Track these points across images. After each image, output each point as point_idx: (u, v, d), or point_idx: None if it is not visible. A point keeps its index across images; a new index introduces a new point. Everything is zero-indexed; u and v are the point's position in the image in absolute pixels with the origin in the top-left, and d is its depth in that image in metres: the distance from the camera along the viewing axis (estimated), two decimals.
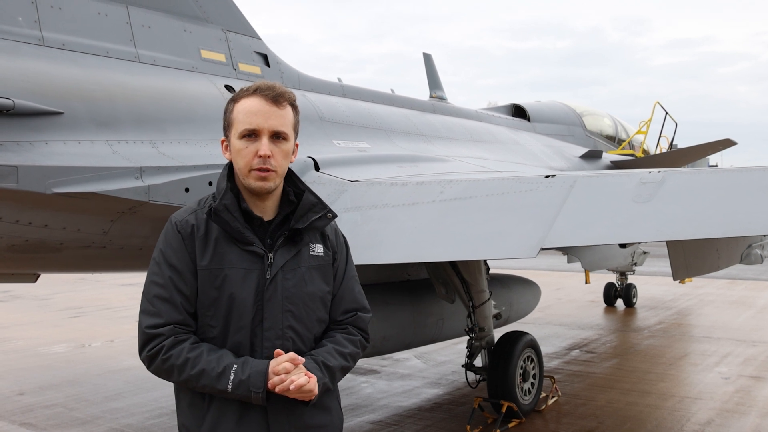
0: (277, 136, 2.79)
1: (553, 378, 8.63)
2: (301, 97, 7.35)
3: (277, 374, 2.64)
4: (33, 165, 4.58)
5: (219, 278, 2.76)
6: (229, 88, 6.55)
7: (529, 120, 12.23)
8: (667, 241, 5.23)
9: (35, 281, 6.13)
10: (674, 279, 6.33)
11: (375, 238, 5.19)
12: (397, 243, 5.09)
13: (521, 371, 7.84)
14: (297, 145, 2.93)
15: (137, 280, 20.11)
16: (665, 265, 7.27)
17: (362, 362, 10.15)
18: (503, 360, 7.72)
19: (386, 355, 10.07)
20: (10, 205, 4.67)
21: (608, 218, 4.74)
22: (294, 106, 2.88)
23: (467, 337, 7.99)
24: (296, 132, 2.91)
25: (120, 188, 4.89)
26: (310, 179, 6.02)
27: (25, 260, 5.26)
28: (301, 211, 2.87)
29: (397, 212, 5.29)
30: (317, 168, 6.24)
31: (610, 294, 15.79)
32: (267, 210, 2.86)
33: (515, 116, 12.36)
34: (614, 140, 14.34)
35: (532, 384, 8.04)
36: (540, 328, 13.14)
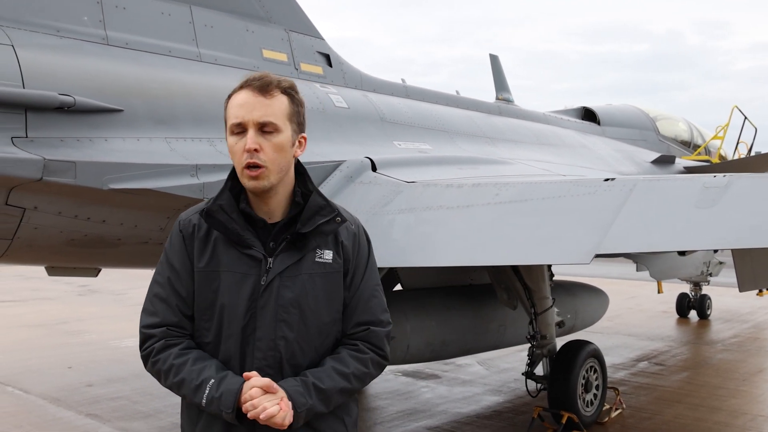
0: (265, 128, 2.59)
1: (617, 390, 8.34)
2: (362, 97, 7.35)
3: (246, 401, 2.48)
4: (90, 161, 4.67)
5: (215, 281, 2.64)
6: None
7: (599, 123, 11.92)
8: (732, 250, 4.97)
9: (96, 275, 6.27)
10: (740, 290, 6.03)
11: (428, 240, 5.10)
12: (450, 246, 4.99)
13: (583, 381, 7.60)
14: (304, 138, 2.72)
15: None
16: None
17: (423, 366, 10.07)
18: (565, 369, 7.51)
19: (448, 361, 9.93)
20: (69, 200, 4.78)
21: (668, 224, 4.52)
22: (289, 95, 2.66)
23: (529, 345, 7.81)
24: (296, 122, 2.66)
25: (175, 185, 4.95)
26: (366, 179, 5.98)
27: (84, 254, 5.39)
28: (307, 214, 2.67)
29: (451, 214, 5.19)
30: (374, 168, 6.20)
31: (683, 305, 15.23)
32: (273, 212, 2.70)
33: (585, 120, 12.07)
34: (689, 145, 13.86)
35: (595, 395, 7.78)
36: (608, 337, 12.76)
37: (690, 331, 13.98)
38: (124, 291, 18.35)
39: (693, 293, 15.12)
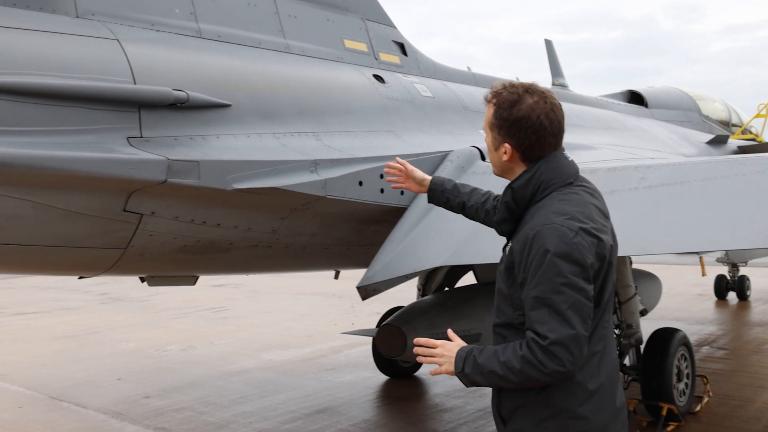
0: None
1: (706, 378, 8.10)
2: (441, 86, 7.05)
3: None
4: (213, 159, 4.35)
5: None
6: (377, 77, 6.27)
7: (647, 106, 11.69)
8: None
9: (194, 284, 5.94)
10: None
11: None
12: None
13: (676, 371, 7.37)
14: (506, 145, 2.89)
15: (227, 281, 20.21)
16: None
17: None
18: (659, 359, 7.25)
19: None
20: (188, 204, 4.46)
21: None
22: (494, 103, 2.92)
23: None
24: (497, 129, 2.91)
25: (298, 183, 4.63)
26: (479, 170, 5.69)
27: (192, 261, 5.05)
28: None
29: None
30: (483, 158, 5.90)
31: (722, 286, 15.07)
32: None
33: (632, 102, 11.83)
34: (728, 125, 13.69)
35: (686, 384, 7.55)
36: (657, 323, 12.51)
37: (734, 313, 13.81)
38: (147, 298, 17.96)
39: (731, 274, 14.96)
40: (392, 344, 6.30)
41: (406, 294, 14.98)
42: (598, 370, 2.80)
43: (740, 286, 14.79)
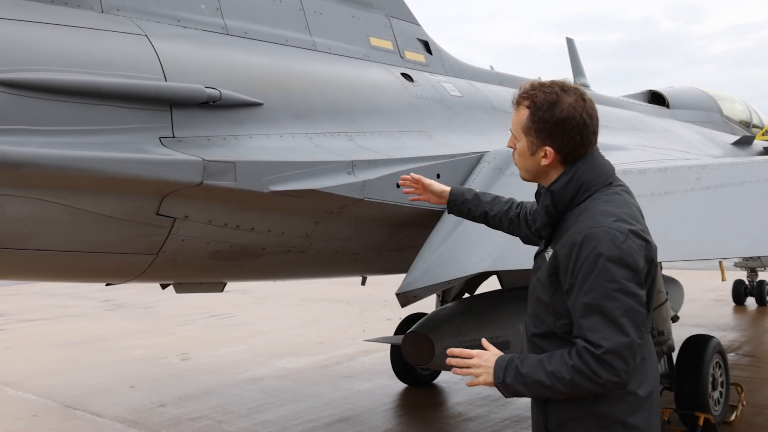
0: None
1: (740, 386, 7.88)
2: (468, 85, 6.85)
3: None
4: (249, 160, 4.14)
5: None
6: (406, 76, 6.07)
7: (668, 107, 11.51)
8: None
9: (222, 290, 5.72)
10: None
11: None
12: (671, 239, 4.47)
13: (711, 379, 7.16)
14: (547, 148, 2.77)
15: (233, 287, 19.86)
16: None
17: None
18: (694, 367, 7.04)
19: None
20: (223, 207, 4.26)
21: None
22: (529, 108, 2.78)
23: None
24: (534, 132, 2.77)
25: (336, 185, 4.42)
26: (518, 171, 5.47)
27: (223, 268, 4.84)
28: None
29: (649, 203, 4.71)
30: None
31: (740, 292, 14.86)
32: None
33: (652, 103, 11.64)
34: (749, 126, 13.51)
35: (720, 393, 7.34)
36: (676, 330, 12.31)
37: (755, 318, 13.61)
38: (151, 304, 17.74)
39: (749, 279, 14.75)
40: (419, 352, 6.17)
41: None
42: (646, 377, 2.73)
43: (759, 291, 14.59)
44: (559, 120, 2.72)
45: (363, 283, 8.16)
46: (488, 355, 2.70)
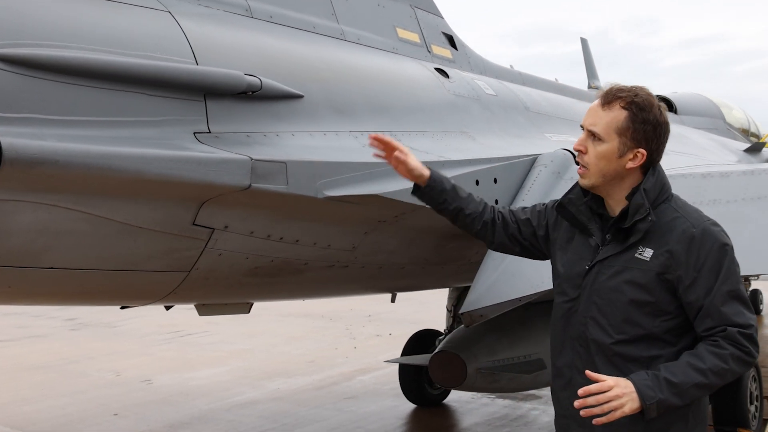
0: (593, 135, 2.79)
1: None
2: (500, 84, 6.33)
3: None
4: (302, 160, 3.53)
5: (565, 255, 2.96)
6: (440, 71, 5.52)
7: (676, 112, 11.21)
8: None
9: (248, 312, 5.04)
10: None
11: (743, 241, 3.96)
12: None
13: (748, 393, 6.79)
14: (641, 151, 2.74)
15: None
16: None
17: None
18: (732, 382, 6.62)
19: None
20: (267, 215, 3.63)
21: None
22: (627, 108, 2.73)
23: None
24: (628, 137, 2.73)
25: (397, 190, 3.80)
26: (577, 176, 4.98)
27: (259, 286, 4.18)
28: (631, 212, 2.77)
29: (741, 209, 4.24)
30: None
31: None
32: (613, 208, 2.88)
33: None
34: (748, 134, 13.33)
35: (756, 407, 6.98)
36: None
37: None
38: (119, 323, 16.72)
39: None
40: (450, 373, 5.80)
41: (403, 314, 14.26)
42: None
43: (753, 300, 14.36)
44: (658, 123, 2.76)
45: (393, 300, 7.54)
46: (621, 381, 2.59)
